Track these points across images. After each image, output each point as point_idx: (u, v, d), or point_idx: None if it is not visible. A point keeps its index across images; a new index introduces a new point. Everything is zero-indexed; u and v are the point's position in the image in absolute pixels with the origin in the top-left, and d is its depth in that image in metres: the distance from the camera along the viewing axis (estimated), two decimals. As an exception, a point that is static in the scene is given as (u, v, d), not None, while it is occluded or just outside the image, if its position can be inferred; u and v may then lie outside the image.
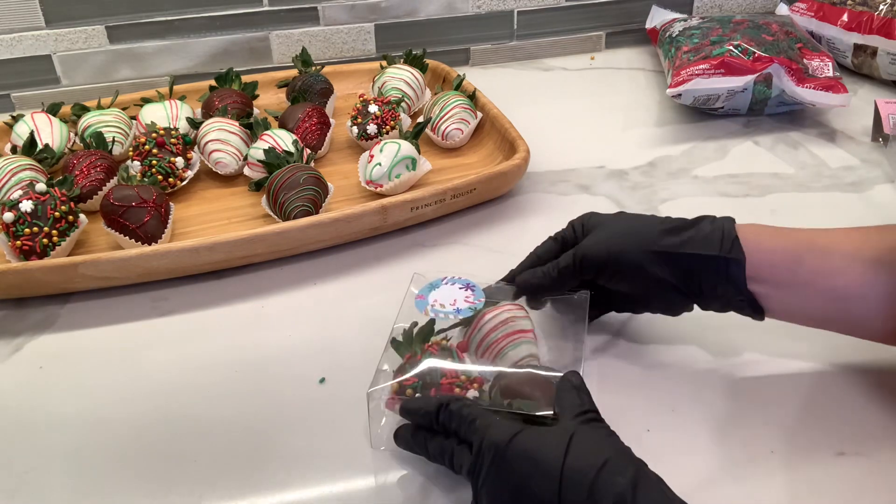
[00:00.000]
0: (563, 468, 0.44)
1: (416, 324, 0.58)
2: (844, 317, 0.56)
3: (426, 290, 0.61)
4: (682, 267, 0.57)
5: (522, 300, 0.61)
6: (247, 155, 0.86)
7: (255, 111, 0.96)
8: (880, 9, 1.05)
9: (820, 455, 0.54)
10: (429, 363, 0.54)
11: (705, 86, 0.95)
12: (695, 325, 0.63)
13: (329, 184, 0.80)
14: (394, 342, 0.58)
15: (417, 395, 0.53)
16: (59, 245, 0.72)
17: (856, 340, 0.57)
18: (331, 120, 0.93)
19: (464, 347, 0.58)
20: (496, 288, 0.62)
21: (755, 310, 0.57)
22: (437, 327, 0.58)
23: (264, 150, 0.81)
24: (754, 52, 0.97)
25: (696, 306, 0.60)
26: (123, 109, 0.95)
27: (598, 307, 0.63)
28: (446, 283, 0.62)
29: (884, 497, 0.52)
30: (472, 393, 0.53)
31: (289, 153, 0.81)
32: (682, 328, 0.64)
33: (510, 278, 0.63)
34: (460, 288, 0.61)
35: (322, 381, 0.62)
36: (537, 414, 0.50)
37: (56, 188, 0.75)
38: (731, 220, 0.58)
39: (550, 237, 0.64)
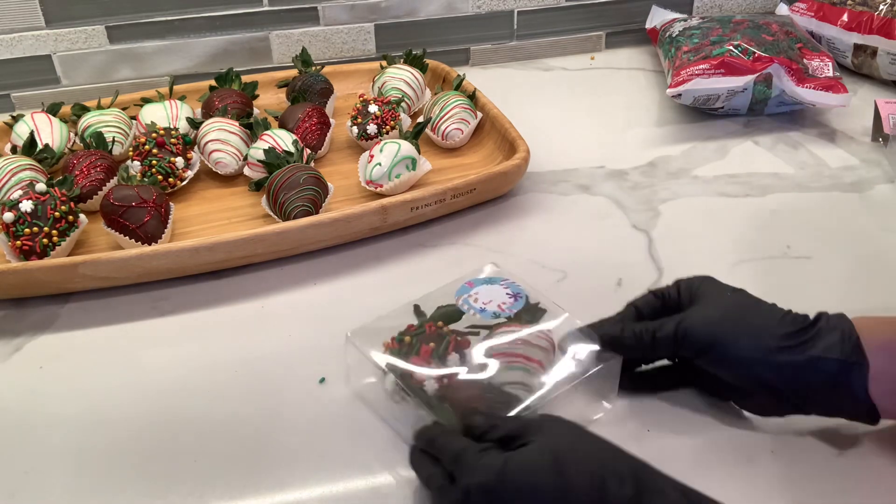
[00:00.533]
0: (566, 492, 0.43)
1: (451, 306, 0.59)
2: None
3: (480, 282, 0.61)
4: (799, 379, 0.51)
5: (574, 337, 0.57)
6: (247, 155, 0.86)
7: (255, 111, 0.96)
8: (880, 9, 1.05)
9: (820, 455, 0.54)
10: (421, 338, 0.55)
11: (705, 86, 0.95)
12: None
13: (329, 184, 0.80)
14: (416, 308, 0.59)
15: (402, 344, 0.55)
16: (59, 245, 0.72)
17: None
18: (331, 120, 0.93)
19: (465, 345, 0.56)
20: (578, 332, 0.57)
21: (872, 417, 0.51)
22: (465, 320, 0.58)
23: (264, 150, 0.81)
24: (754, 52, 0.97)
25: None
26: (123, 109, 0.95)
27: (676, 380, 0.59)
28: (503, 284, 0.60)
29: (884, 497, 0.52)
30: (429, 383, 0.53)
31: (289, 153, 0.81)
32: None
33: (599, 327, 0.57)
34: (508, 294, 0.59)
35: (322, 381, 0.62)
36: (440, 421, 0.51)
37: (56, 188, 0.75)
38: (847, 320, 0.52)
39: (651, 292, 0.58)
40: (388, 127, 0.90)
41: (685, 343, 0.53)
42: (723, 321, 0.53)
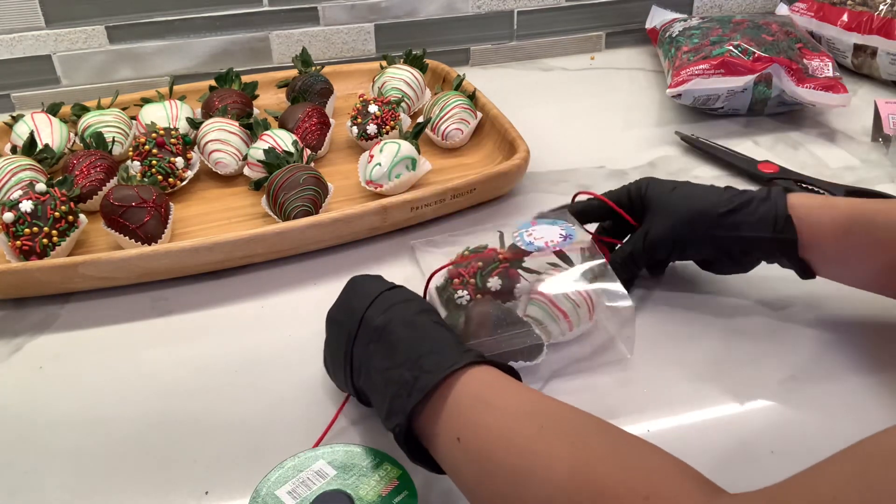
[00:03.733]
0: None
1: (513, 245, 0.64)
2: (893, 286, 0.59)
3: (544, 221, 0.66)
4: (740, 247, 0.63)
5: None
6: (247, 155, 0.86)
7: (255, 111, 0.96)
8: (880, 9, 1.05)
9: (820, 455, 0.54)
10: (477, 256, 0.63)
11: (705, 86, 0.95)
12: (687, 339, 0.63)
13: (329, 184, 0.80)
14: (500, 234, 0.66)
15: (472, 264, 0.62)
16: (59, 245, 0.72)
17: (857, 342, 0.57)
18: (331, 120, 0.93)
19: (513, 276, 0.62)
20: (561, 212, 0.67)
21: (806, 273, 0.62)
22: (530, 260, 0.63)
23: (264, 150, 0.81)
24: (754, 52, 0.97)
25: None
26: (123, 109, 0.95)
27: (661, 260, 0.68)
28: (560, 226, 0.65)
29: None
30: (461, 293, 0.61)
31: (289, 153, 0.81)
32: (688, 333, 0.64)
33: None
34: (560, 234, 0.64)
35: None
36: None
37: (56, 188, 0.75)
38: (783, 196, 0.61)
39: (598, 197, 0.69)
40: (388, 127, 0.90)
41: (653, 254, 0.65)
42: (676, 224, 0.64)
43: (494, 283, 0.61)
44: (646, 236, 0.65)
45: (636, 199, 0.67)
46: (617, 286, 0.61)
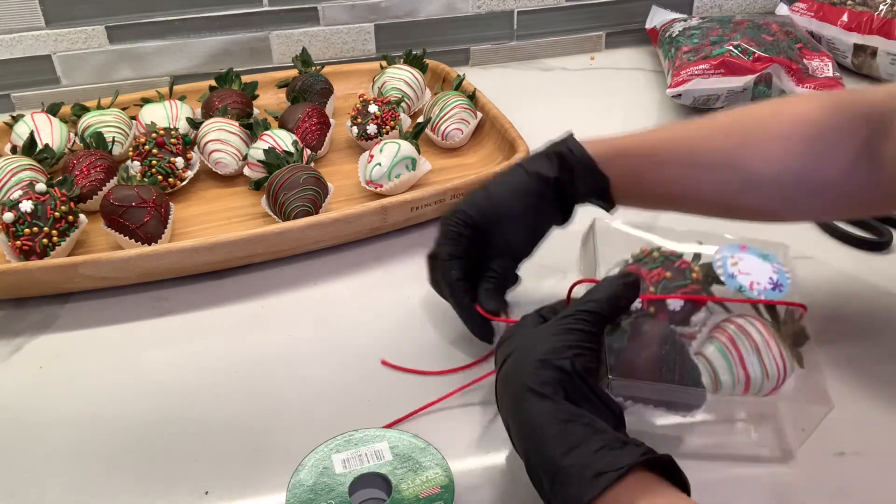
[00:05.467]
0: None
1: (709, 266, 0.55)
2: (686, 210, 0.63)
3: (755, 251, 0.55)
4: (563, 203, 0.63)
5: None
6: (247, 155, 0.86)
7: (255, 111, 0.96)
8: (880, 9, 1.05)
9: (820, 455, 0.54)
10: (667, 265, 0.54)
11: (705, 86, 0.95)
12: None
13: (329, 184, 0.80)
14: (697, 255, 0.56)
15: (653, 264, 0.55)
16: (59, 245, 0.72)
17: (855, 341, 0.57)
18: (331, 120, 0.93)
19: (699, 301, 0.52)
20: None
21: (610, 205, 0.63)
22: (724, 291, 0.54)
23: (264, 150, 0.81)
24: (754, 52, 0.97)
25: None
26: (123, 109, 0.95)
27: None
28: (774, 266, 0.55)
29: (884, 497, 0.52)
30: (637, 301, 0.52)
31: (289, 153, 0.81)
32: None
33: None
34: (771, 279, 0.53)
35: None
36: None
37: (56, 188, 0.75)
38: (579, 147, 0.62)
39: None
40: (388, 127, 0.90)
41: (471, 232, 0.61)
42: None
43: (675, 303, 0.52)
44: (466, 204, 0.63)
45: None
46: (821, 385, 0.50)
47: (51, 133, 0.88)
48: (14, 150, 0.86)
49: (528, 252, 0.64)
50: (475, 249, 0.61)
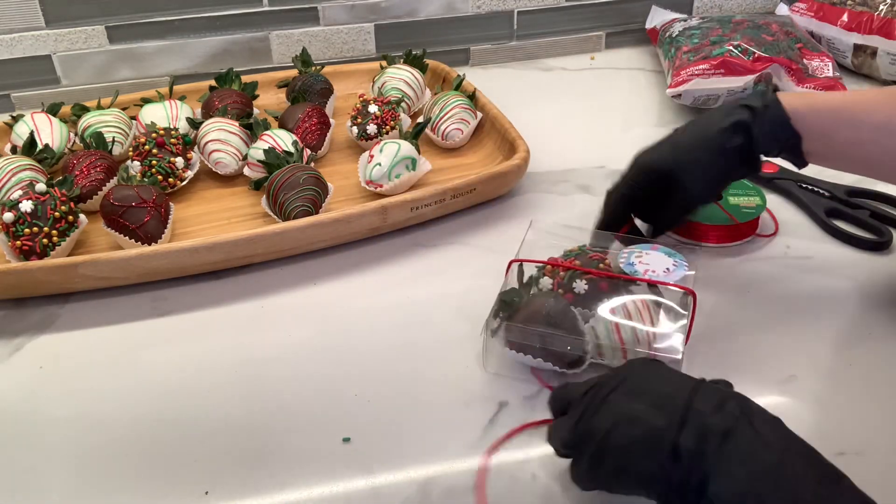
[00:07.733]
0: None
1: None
2: (876, 176, 0.66)
3: (664, 249, 0.64)
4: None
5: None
6: (247, 155, 0.86)
7: (255, 111, 0.96)
8: (880, 9, 1.05)
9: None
10: (582, 256, 0.63)
11: (705, 86, 0.95)
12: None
13: (329, 184, 0.80)
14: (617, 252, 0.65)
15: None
16: (59, 245, 0.72)
17: (855, 342, 0.57)
18: (331, 120, 0.93)
19: (603, 286, 0.61)
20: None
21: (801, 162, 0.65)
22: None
23: (264, 151, 0.81)
24: (754, 53, 0.97)
25: None
26: (123, 109, 0.95)
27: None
28: (676, 261, 0.62)
29: (884, 497, 0.52)
30: (545, 280, 0.62)
31: (289, 153, 0.81)
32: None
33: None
34: (667, 270, 0.61)
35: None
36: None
37: (56, 188, 0.75)
38: (776, 101, 0.63)
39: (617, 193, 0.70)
40: (388, 127, 0.90)
41: (650, 178, 0.66)
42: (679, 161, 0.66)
43: (580, 286, 0.60)
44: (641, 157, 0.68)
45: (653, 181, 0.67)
46: (677, 337, 0.57)
47: (51, 133, 0.88)
48: (14, 150, 0.86)
49: (708, 200, 0.68)
50: (653, 193, 0.66)
